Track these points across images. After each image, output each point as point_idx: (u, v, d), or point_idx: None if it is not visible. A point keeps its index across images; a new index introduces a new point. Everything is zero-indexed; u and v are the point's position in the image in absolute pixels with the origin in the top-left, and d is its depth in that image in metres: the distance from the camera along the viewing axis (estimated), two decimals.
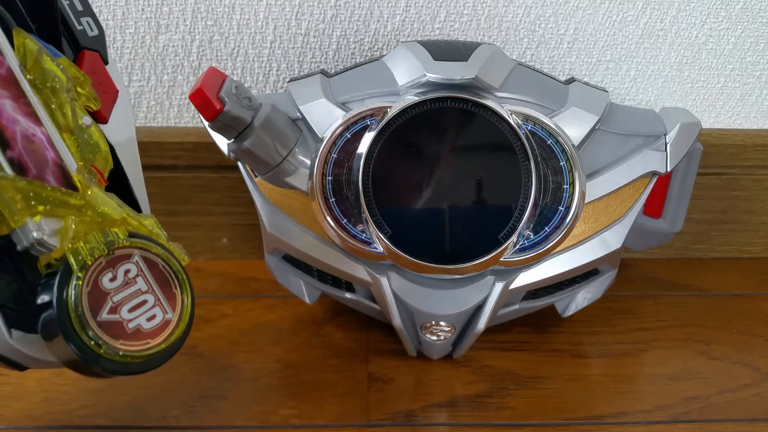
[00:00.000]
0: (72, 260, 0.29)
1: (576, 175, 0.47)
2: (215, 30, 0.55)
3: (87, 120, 0.33)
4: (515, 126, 0.46)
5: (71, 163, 0.31)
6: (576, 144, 0.47)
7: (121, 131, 0.37)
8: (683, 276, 0.64)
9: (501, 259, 0.47)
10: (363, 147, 0.46)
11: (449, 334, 0.50)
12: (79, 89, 0.33)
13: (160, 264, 0.32)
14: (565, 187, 0.47)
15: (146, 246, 0.31)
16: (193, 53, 0.56)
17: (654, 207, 0.55)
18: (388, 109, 0.46)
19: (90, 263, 0.29)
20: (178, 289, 0.32)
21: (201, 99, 0.41)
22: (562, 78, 0.54)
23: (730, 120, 0.62)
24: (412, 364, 0.53)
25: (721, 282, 0.63)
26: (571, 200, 0.47)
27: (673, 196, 0.55)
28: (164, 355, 0.31)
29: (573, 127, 0.47)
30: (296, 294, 0.53)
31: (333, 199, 0.47)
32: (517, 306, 0.51)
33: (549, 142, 0.47)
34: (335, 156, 0.47)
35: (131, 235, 0.31)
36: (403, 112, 0.46)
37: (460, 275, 0.48)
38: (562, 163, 0.47)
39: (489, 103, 0.46)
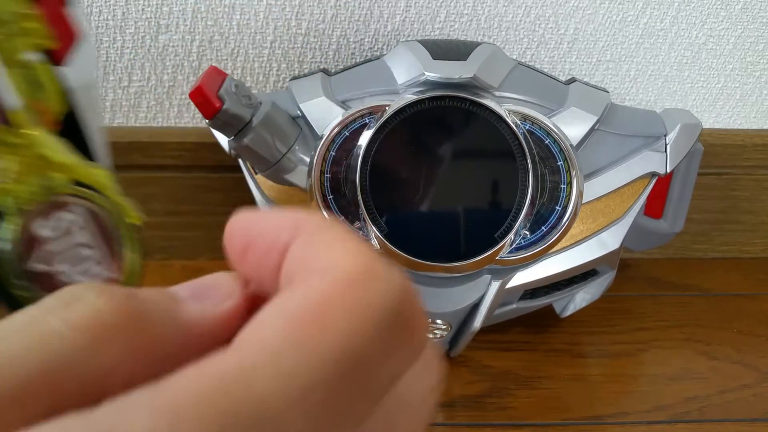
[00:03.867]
0: (6, 202, 0.27)
1: (573, 174, 0.47)
2: (215, 30, 0.55)
3: (33, 57, 0.30)
4: (513, 125, 0.46)
5: (12, 100, 0.28)
6: (574, 144, 0.47)
7: (80, 75, 0.34)
8: (683, 276, 0.63)
9: (497, 257, 0.47)
10: (361, 145, 0.46)
11: (445, 332, 0.50)
12: (25, 24, 0.30)
13: (105, 218, 0.29)
14: (562, 186, 0.47)
15: (91, 197, 0.28)
16: (193, 53, 0.56)
17: (655, 207, 0.55)
18: (387, 108, 0.46)
19: (25, 208, 0.27)
20: (124, 247, 0.29)
21: (200, 97, 0.41)
22: (563, 78, 0.54)
23: (730, 120, 0.62)
24: None
25: (721, 282, 0.63)
26: (568, 200, 0.47)
27: (673, 197, 0.55)
28: None
29: (571, 126, 0.47)
30: None
31: (331, 197, 0.47)
32: (514, 306, 0.51)
33: (547, 142, 0.47)
34: (333, 154, 0.47)
35: (77, 183, 0.28)
36: (401, 110, 0.46)
37: (456, 273, 0.48)
38: (559, 163, 0.47)
39: (487, 102, 0.46)
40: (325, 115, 0.47)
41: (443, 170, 0.47)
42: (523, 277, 0.49)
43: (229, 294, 0.19)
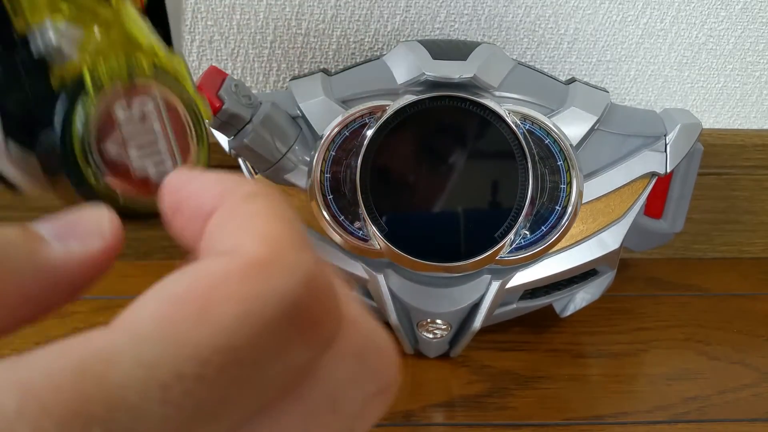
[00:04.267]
0: (87, 77, 0.25)
1: (573, 174, 0.47)
2: (215, 30, 0.55)
3: None
4: (513, 125, 0.46)
5: None
6: (574, 144, 0.47)
7: None
8: (683, 276, 0.63)
9: (497, 257, 0.47)
10: (361, 145, 0.46)
11: (445, 332, 0.50)
12: None
13: (181, 109, 0.27)
14: (562, 186, 0.47)
15: (169, 85, 0.27)
16: (193, 53, 0.56)
17: (655, 208, 0.55)
18: (387, 108, 0.46)
19: (106, 85, 0.25)
20: (195, 141, 0.28)
21: None
22: (563, 78, 0.54)
23: (730, 120, 0.62)
24: (412, 364, 0.53)
25: (721, 282, 0.63)
26: (568, 200, 0.47)
27: (673, 197, 0.55)
28: None
29: (571, 126, 0.47)
30: None
31: (331, 197, 0.47)
32: (514, 305, 0.51)
33: (547, 142, 0.47)
34: (333, 154, 0.47)
35: (156, 70, 0.27)
36: (401, 110, 0.46)
37: (456, 273, 0.48)
38: (559, 163, 0.47)
39: (486, 101, 0.46)
40: (325, 115, 0.47)
41: (443, 170, 0.47)
42: (523, 277, 0.49)
43: (99, 233, 0.17)
